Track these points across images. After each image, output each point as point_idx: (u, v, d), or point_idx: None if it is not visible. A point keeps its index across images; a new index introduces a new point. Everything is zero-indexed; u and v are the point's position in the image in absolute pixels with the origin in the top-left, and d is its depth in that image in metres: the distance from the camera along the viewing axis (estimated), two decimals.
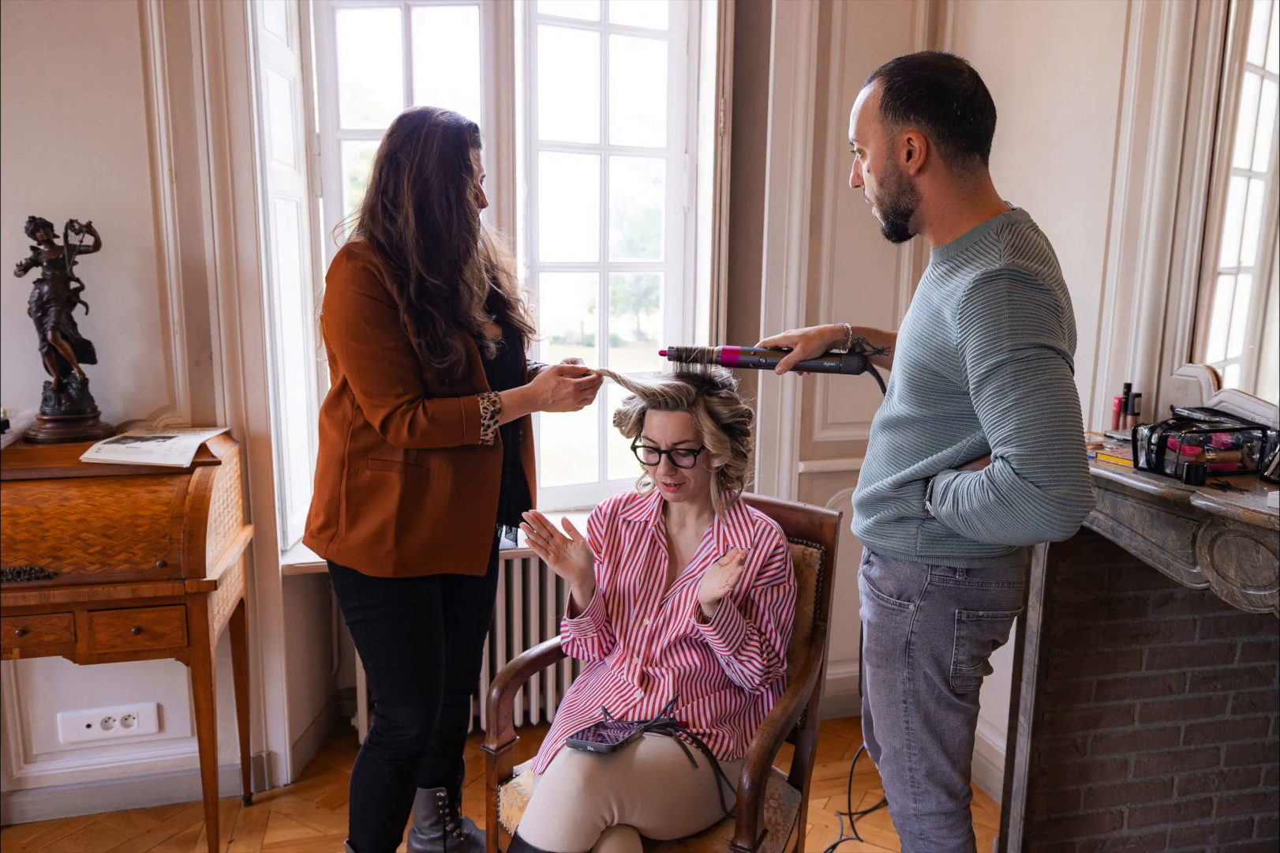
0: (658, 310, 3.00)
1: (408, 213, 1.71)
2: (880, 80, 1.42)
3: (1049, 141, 2.27)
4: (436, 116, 1.74)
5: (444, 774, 2.16)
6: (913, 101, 1.39)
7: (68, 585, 1.96)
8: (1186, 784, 2.13)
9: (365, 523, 1.79)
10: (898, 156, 1.42)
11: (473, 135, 1.77)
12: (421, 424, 1.71)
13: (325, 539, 1.83)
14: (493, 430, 1.78)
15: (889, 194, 1.45)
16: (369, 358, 1.71)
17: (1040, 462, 1.27)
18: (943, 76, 1.39)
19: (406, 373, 1.73)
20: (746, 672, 1.76)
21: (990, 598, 1.51)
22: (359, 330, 1.70)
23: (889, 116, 1.41)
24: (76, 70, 2.18)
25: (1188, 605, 2.04)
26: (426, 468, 1.79)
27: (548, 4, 2.63)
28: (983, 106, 1.41)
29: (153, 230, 2.28)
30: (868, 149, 1.45)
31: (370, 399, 1.73)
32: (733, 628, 1.72)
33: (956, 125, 1.39)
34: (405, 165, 1.71)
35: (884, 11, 2.63)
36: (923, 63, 1.41)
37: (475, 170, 1.77)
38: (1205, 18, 1.85)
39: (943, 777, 1.58)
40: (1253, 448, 1.62)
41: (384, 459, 1.78)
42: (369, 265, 1.70)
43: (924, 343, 1.43)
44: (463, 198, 1.74)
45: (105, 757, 2.46)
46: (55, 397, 2.19)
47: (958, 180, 1.42)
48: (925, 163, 1.41)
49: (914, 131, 1.39)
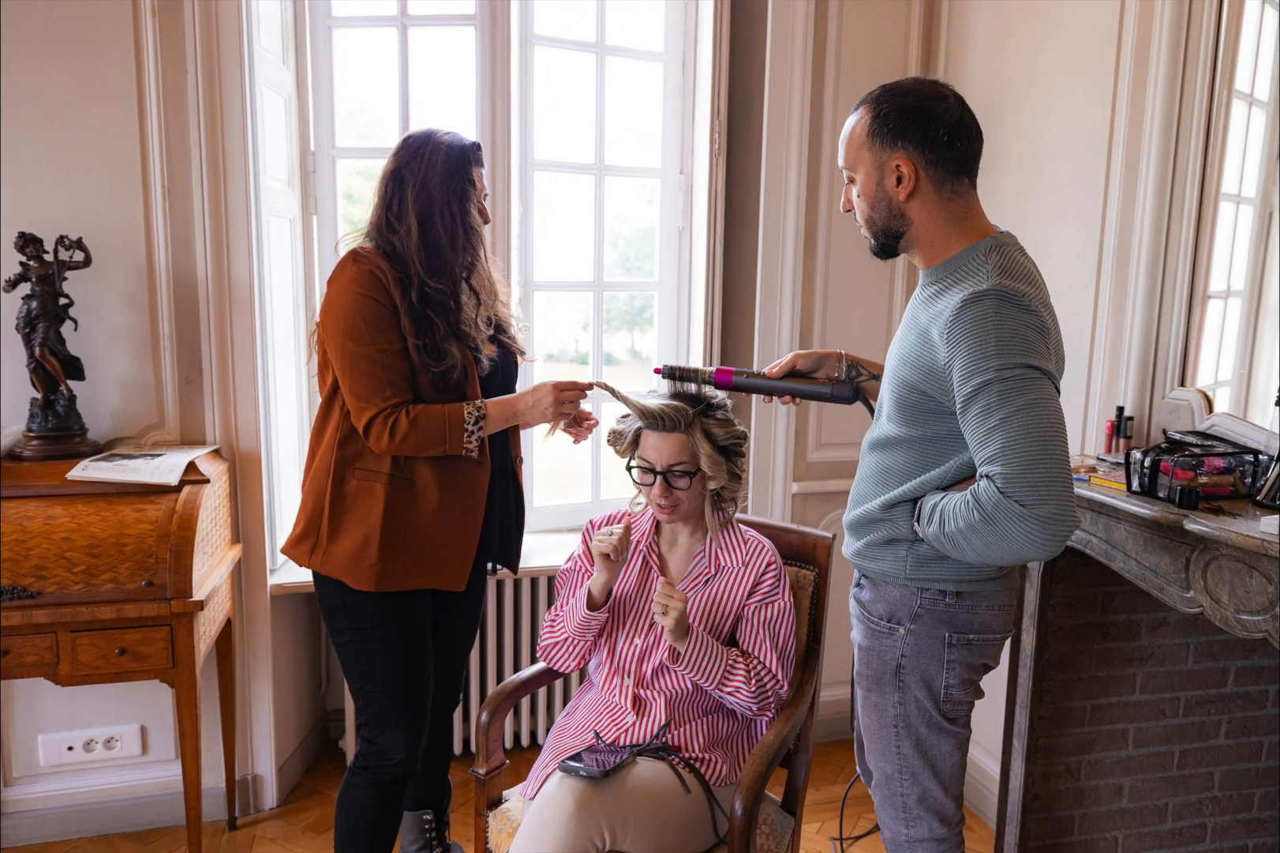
0: (652, 329, 3.00)
1: (410, 226, 1.73)
2: (867, 108, 1.44)
3: (1041, 165, 2.29)
4: (441, 136, 1.77)
5: (430, 796, 2.13)
6: (899, 128, 1.40)
7: (51, 605, 1.94)
8: (1181, 810, 2.12)
9: (348, 534, 1.77)
10: (887, 182, 1.43)
11: (476, 153, 1.80)
12: (403, 428, 1.71)
13: (306, 550, 1.81)
14: (476, 439, 1.76)
15: (880, 218, 1.47)
16: (363, 359, 1.71)
17: (1025, 481, 1.27)
18: (928, 103, 1.40)
19: (398, 377, 1.73)
20: (739, 702, 1.74)
21: (981, 621, 1.51)
22: (357, 331, 1.71)
23: (877, 143, 1.42)
24: (70, 86, 2.18)
25: (1181, 629, 2.04)
26: (413, 481, 1.78)
27: (544, 25, 2.65)
28: (969, 131, 1.42)
29: (144, 247, 2.28)
30: (857, 175, 1.47)
31: (359, 401, 1.73)
32: (708, 662, 1.71)
33: (944, 150, 1.40)
34: (409, 181, 1.74)
35: (878, 35, 2.66)
36: (908, 90, 1.42)
37: (478, 187, 1.79)
38: (1195, 45, 1.88)
39: (935, 803, 1.57)
40: (1245, 472, 1.63)
41: (370, 469, 1.77)
42: (375, 269, 1.72)
43: (912, 363, 1.44)
44: (465, 212, 1.76)
45: (87, 780, 2.42)
46: (42, 413, 2.18)
47: (947, 204, 1.43)
48: (915, 188, 1.42)
49: (902, 158, 1.41)
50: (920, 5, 2.66)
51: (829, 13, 2.61)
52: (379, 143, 2.84)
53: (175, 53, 2.23)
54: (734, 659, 1.74)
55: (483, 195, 1.82)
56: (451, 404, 1.75)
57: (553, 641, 1.87)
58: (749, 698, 1.73)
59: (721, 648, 1.75)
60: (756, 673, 1.75)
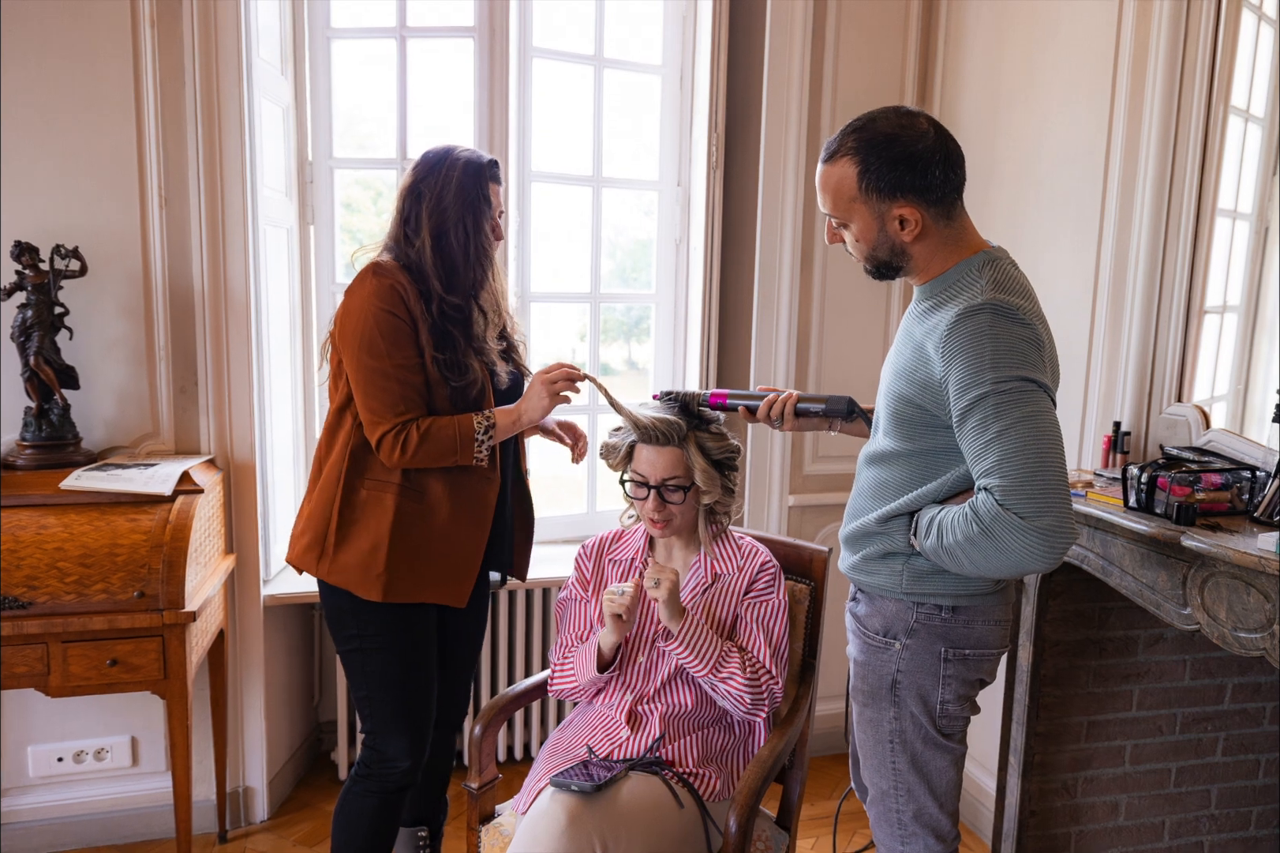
0: (649, 339, 3.00)
1: (425, 241, 1.74)
2: (851, 162, 1.40)
3: (1038, 179, 2.29)
4: (458, 152, 1.78)
5: (426, 813, 2.11)
6: (895, 182, 1.38)
7: (42, 616, 1.92)
8: (1178, 828, 2.10)
9: (355, 543, 1.76)
10: (890, 228, 1.42)
11: (492, 170, 1.79)
12: (413, 442, 1.71)
13: (313, 558, 1.80)
14: (487, 448, 1.76)
15: (883, 255, 1.47)
16: (379, 374, 1.71)
17: (1023, 493, 1.27)
18: (914, 147, 1.37)
19: (413, 393, 1.73)
20: (732, 691, 1.72)
21: (977, 636, 1.50)
22: (374, 346, 1.71)
23: (874, 198, 1.40)
24: (68, 94, 2.18)
25: (1178, 646, 2.03)
26: (423, 492, 1.78)
27: (543, 38, 2.66)
28: (956, 157, 1.41)
29: (140, 256, 2.27)
30: (852, 224, 1.45)
31: (373, 415, 1.73)
32: (704, 643, 1.70)
33: (940, 188, 1.40)
34: (425, 196, 1.74)
35: (875, 50, 2.67)
36: (888, 137, 1.38)
37: (494, 204, 1.80)
38: (1191, 61, 1.88)
39: (930, 819, 1.55)
40: (1242, 488, 1.62)
41: (380, 479, 1.77)
42: (396, 284, 1.72)
43: (908, 377, 1.44)
44: (480, 228, 1.76)
45: (77, 792, 2.40)
46: (36, 422, 2.17)
47: (944, 230, 1.44)
48: (920, 230, 1.41)
49: (904, 208, 1.40)
50: (917, 21, 2.67)
51: (826, 27, 2.62)
52: (378, 153, 2.84)
53: (173, 62, 2.23)
54: (729, 648, 1.74)
55: (498, 213, 1.82)
56: (461, 415, 1.75)
57: (566, 687, 1.85)
58: (743, 687, 1.70)
59: (717, 636, 1.74)
60: (752, 664, 1.73)
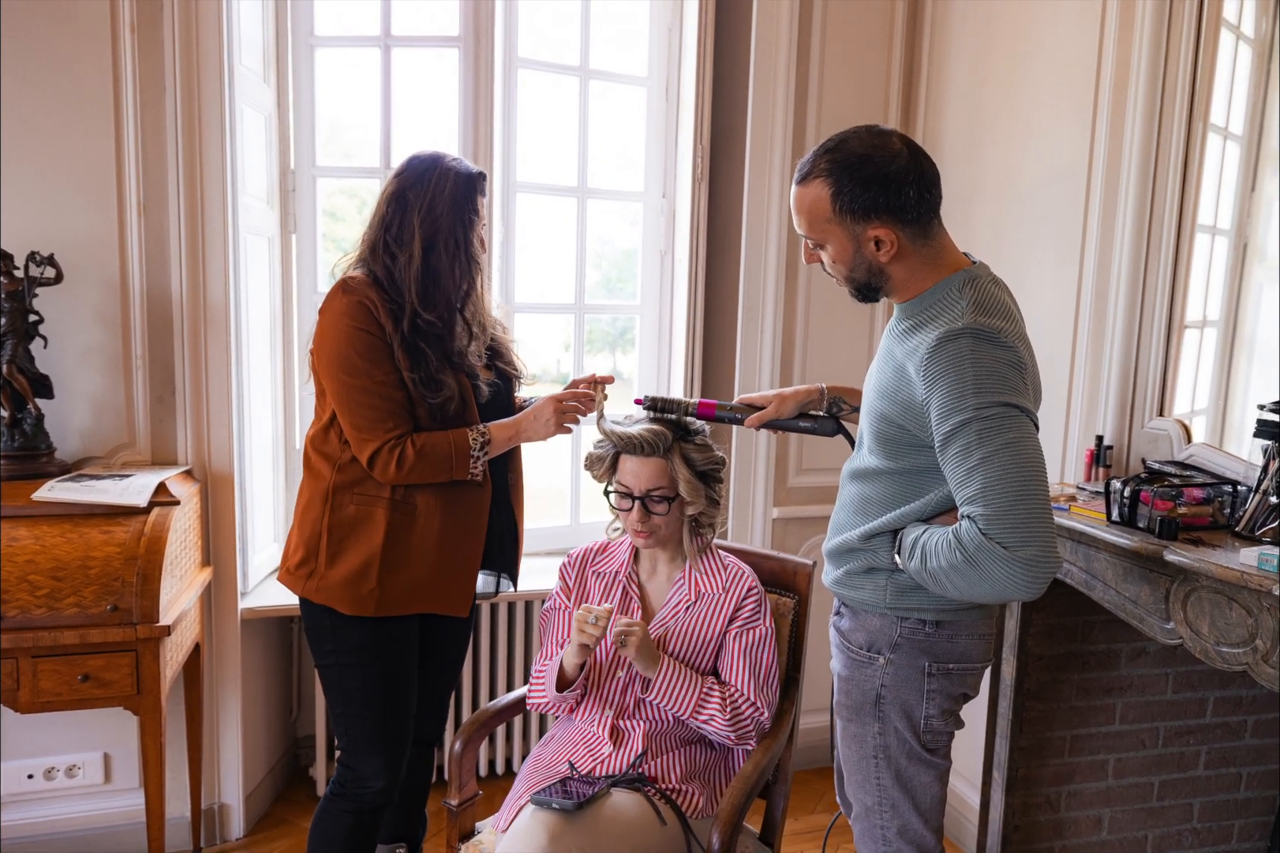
0: (634, 350, 2.99)
1: (413, 251, 1.70)
2: (824, 183, 1.39)
3: (1021, 195, 2.30)
4: (448, 161, 1.75)
5: (405, 830, 2.07)
6: (869, 204, 1.37)
7: (11, 630, 1.88)
8: (1160, 842, 2.10)
9: (347, 560, 1.74)
10: (866, 250, 1.41)
11: (481, 182, 1.78)
12: (410, 459, 1.68)
13: (303, 576, 1.77)
14: (482, 463, 1.75)
15: (860, 277, 1.46)
16: (360, 391, 1.69)
17: (1006, 522, 1.27)
18: (886, 168, 1.36)
19: (397, 408, 1.70)
20: (716, 732, 1.72)
21: (960, 651, 1.49)
22: (351, 364, 1.68)
23: (848, 220, 1.39)
24: (46, 100, 2.15)
25: (1160, 659, 2.03)
26: (414, 505, 1.75)
27: (528, 48, 2.65)
28: (930, 176, 1.40)
29: (118, 264, 2.24)
30: (828, 245, 1.45)
31: (359, 433, 1.70)
32: (680, 689, 1.69)
33: (915, 208, 1.39)
34: (415, 204, 1.71)
35: (859, 64, 2.68)
36: (860, 157, 1.37)
37: (481, 216, 1.78)
38: (1172, 80, 1.90)
39: (914, 835, 1.54)
40: (1224, 503, 1.63)
41: (369, 495, 1.74)
42: (365, 300, 1.69)
43: (889, 397, 1.43)
44: (469, 241, 1.75)
45: (47, 809, 2.34)
46: (9, 432, 2.13)
47: (922, 250, 1.43)
48: (897, 251, 1.41)
49: (879, 229, 1.39)
50: (901, 35, 2.68)
51: (811, 40, 2.63)
52: (361, 162, 2.83)
53: (154, 69, 2.20)
54: (709, 687, 1.72)
55: (483, 225, 1.80)
56: (455, 431, 1.73)
57: (540, 700, 1.82)
58: (725, 726, 1.70)
59: (695, 675, 1.72)
60: (733, 701, 1.72)
